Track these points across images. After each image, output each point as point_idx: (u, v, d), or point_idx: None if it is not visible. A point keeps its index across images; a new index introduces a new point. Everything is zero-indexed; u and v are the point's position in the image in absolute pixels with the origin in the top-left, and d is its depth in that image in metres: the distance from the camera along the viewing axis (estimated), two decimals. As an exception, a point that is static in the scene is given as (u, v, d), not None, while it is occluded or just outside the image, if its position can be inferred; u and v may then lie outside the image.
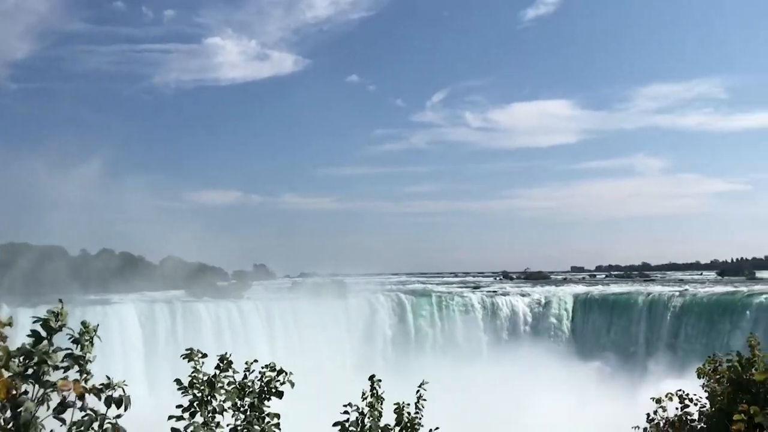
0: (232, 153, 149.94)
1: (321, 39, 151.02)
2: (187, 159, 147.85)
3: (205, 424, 4.33)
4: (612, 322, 47.00)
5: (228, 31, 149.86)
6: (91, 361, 3.61)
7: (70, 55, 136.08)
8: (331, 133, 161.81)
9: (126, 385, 3.54)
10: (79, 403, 3.31)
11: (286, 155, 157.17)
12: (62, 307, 3.64)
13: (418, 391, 5.78)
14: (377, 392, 5.19)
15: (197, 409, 4.35)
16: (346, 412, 4.99)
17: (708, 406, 7.86)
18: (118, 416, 3.54)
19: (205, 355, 4.52)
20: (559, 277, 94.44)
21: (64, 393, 3.23)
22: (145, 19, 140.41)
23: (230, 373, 4.56)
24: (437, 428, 5.85)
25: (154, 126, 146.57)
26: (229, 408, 4.48)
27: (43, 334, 3.35)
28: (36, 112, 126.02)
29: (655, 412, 8.35)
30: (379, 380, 5.26)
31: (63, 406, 3.25)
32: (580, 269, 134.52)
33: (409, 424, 5.41)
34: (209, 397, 4.40)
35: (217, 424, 4.40)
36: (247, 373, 4.72)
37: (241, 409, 4.58)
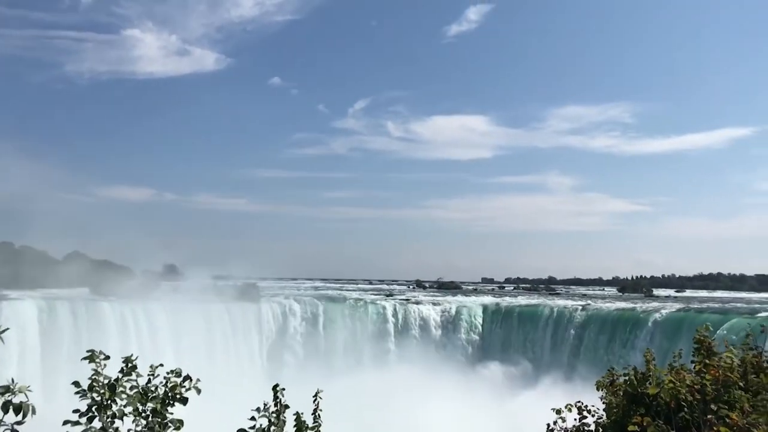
0: (147, 149, 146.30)
1: (245, 39, 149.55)
2: (99, 153, 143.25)
3: (103, 429, 4.17)
4: (518, 333, 48.32)
5: (148, 24, 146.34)
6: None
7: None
8: (250, 134, 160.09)
9: (30, 390, 3.37)
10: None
11: (203, 154, 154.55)
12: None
13: (315, 399, 5.75)
14: (281, 401, 5.13)
15: (95, 413, 4.19)
16: (252, 418, 4.91)
17: (604, 417, 8.18)
18: (19, 422, 3.36)
19: (107, 357, 4.35)
20: (470, 287, 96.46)
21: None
22: (61, 5, 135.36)
23: (133, 377, 4.41)
24: (339, 436, 5.86)
25: (64, 116, 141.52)
26: (129, 413, 4.32)
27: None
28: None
29: (555, 423, 8.63)
30: (283, 389, 5.20)
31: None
32: (490, 280, 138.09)
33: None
34: (109, 402, 4.24)
35: (116, 430, 4.25)
36: (152, 378, 4.56)
37: (143, 414, 4.42)
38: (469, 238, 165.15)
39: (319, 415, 5.64)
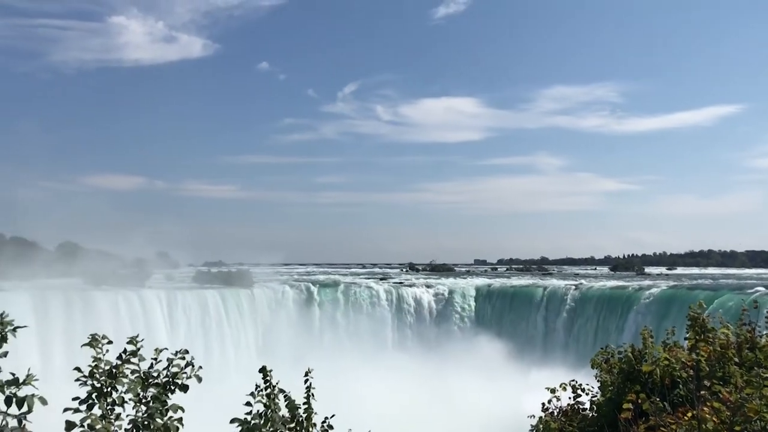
0: (135, 137, 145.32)
1: (232, 24, 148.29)
2: (87, 142, 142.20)
3: (103, 416, 4.16)
4: (512, 313, 48.55)
5: (133, 11, 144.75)
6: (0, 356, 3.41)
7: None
8: (239, 120, 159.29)
9: (37, 379, 3.37)
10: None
11: (192, 141, 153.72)
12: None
13: (306, 379, 5.72)
14: (272, 383, 5.12)
15: (96, 401, 4.18)
16: (248, 404, 4.90)
17: (599, 395, 8.26)
18: (26, 413, 3.36)
19: (110, 342, 4.33)
20: (463, 269, 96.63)
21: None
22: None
23: (136, 360, 4.38)
24: (333, 416, 5.86)
25: (51, 106, 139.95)
26: (130, 400, 4.30)
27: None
28: None
29: (550, 401, 8.70)
30: (270, 370, 5.18)
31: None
32: (483, 262, 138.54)
33: (304, 414, 5.38)
34: (109, 389, 4.23)
35: (117, 416, 4.23)
36: (154, 362, 4.52)
37: (143, 400, 4.41)
38: (461, 221, 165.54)
39: (312, 394, 5.62)
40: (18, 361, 3.80)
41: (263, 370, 5.16)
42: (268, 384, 5.09)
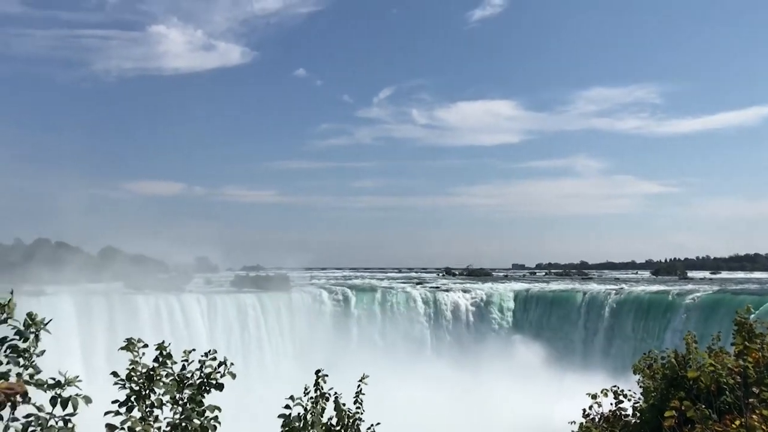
0: (175, 144, 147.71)
1: (269, 31, 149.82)
2: (128, 149, 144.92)
3: (142, 419, 4.21)
4: (551, 319, 47.96)
5: (173, 20, 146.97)
6: (37, 355, 3.47)
7: (2, 38, 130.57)
8: (276, 126, 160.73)
9: (80, 380, 3.42)
10: (20, 399, 3.18)
11: (230, 147, 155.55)
12: (11, 299, 3.50)
13: (358, 385, 5.71)
14: (321, 387, 5.11)
15: (134, 403, 4.23)
16: (287, 407, 4.91)
17: (642, 401, 8.09)
18: (71, 414, 3.42)
19: (145, 345, 4.38)
20: (501, 274, 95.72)
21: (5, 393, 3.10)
22: (87, 5, 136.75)
23: (168, 364, 4.43)
24: (378, 423, 5.83)
25: (93, 114, 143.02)
26: (167, 402, 4.35)
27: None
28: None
29: (591, 407, 8.54)
30: (326, 375, 5.19)
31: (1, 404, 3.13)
32: (521, 266, 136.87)
33: (350, 420, 5.36)
34: (147, 391, 4.28)
35: (155, 419, 4.28)
36: (186, 364, 4.57)
37: (180, 402, 4.44)
38: (498, 224, 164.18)
39: (362, 400, 5.60)
40: (61, 363, 3.86)
41: (317, 373, 5.17)
42: (318, 387, 5.10)
